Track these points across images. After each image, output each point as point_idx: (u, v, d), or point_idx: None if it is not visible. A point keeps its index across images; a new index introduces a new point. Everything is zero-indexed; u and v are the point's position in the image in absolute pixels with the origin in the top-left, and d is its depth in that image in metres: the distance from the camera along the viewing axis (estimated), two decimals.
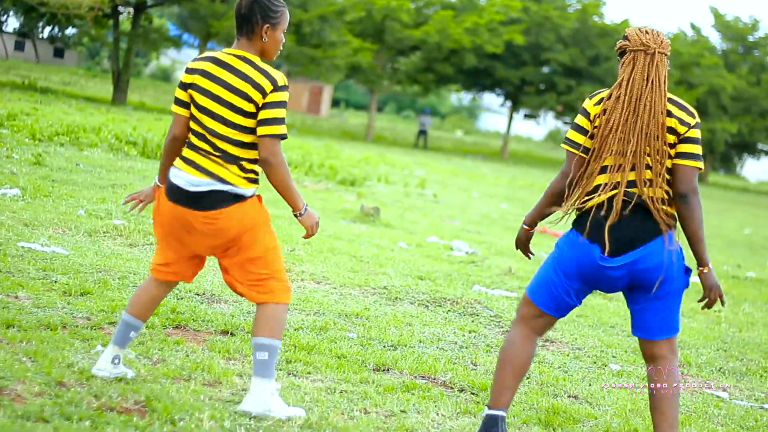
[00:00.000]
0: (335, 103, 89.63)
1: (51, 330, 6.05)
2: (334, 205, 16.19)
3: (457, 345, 7.50)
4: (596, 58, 58.12)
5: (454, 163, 40.98)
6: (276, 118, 5.02)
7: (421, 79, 58.62)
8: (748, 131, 62.80)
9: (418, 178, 25.60)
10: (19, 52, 69.42)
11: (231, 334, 6.74)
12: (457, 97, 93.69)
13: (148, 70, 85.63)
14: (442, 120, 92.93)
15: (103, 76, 64.26)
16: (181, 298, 7.50)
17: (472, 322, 8.40)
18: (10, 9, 56.30)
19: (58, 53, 72.93)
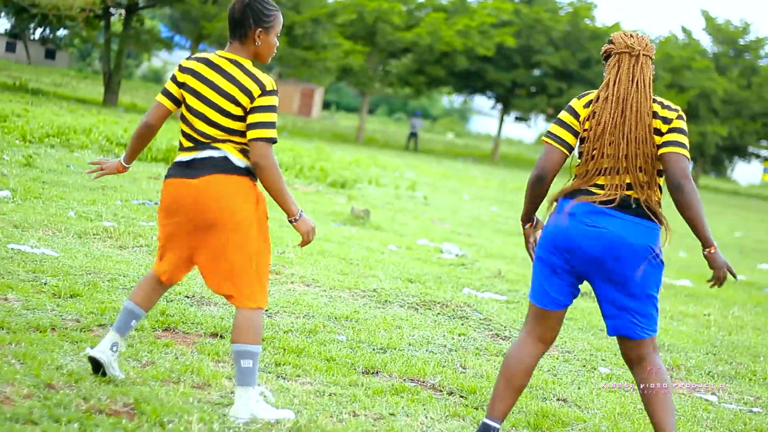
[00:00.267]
0: (326, 106, 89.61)
1: (40, 332, 6.05)
2: (325, 208, 16.18)
3: (446, 348, 7.50)
4: (587, 61, 58.12)
5: (444, 165, 40.98)
6: (265, 122, 5.02)
7: (412, 82, 58.57)
8: (739, 134, 62.81)
9: (409, 181, 25.60)
10: (10, 53, 69.37)
11: (220, 337, 6.74)
12: (448, 100, 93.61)
13: (139, 72, 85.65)
14: (433, 122, 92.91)
15: (94, 77, 64.17)
16: (171, 301, 7.50)
17: (462, 325, 8.41)
18: (1, 10, 56.14)
19: (50, 54, 72.85)
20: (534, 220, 5.39)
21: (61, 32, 68.23)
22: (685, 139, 5.01)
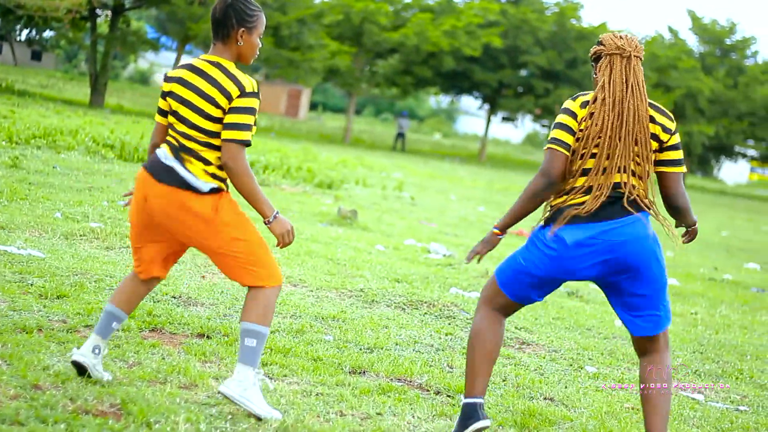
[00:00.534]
0: (313, 106, 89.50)
1: (27, 333, 6.03)
2: (312, 208, 16.17)
3: (433, 348, 7.51)
4: (574, 61, 58.21)
5: (431, 165, 40.99)
6: (240, 124, 5.00)
7: (399, 82, 58.61)
8: (726, 134, 62.98)
9: (396, 181, 25.59)
10: None
11: (207, 337, 6.73)
12: (436, 100, 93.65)
13: (126, 73, 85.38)
14: (420, 123, 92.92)
15: (81, 79, 63.97)
16: (158, 301, 7.49)
17: (449, 325, 8.42)
18: None
19: (36, 56, 72.63)
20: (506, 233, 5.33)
21: (48, 34, 68.02)
22: (681, 154, 5.16)
